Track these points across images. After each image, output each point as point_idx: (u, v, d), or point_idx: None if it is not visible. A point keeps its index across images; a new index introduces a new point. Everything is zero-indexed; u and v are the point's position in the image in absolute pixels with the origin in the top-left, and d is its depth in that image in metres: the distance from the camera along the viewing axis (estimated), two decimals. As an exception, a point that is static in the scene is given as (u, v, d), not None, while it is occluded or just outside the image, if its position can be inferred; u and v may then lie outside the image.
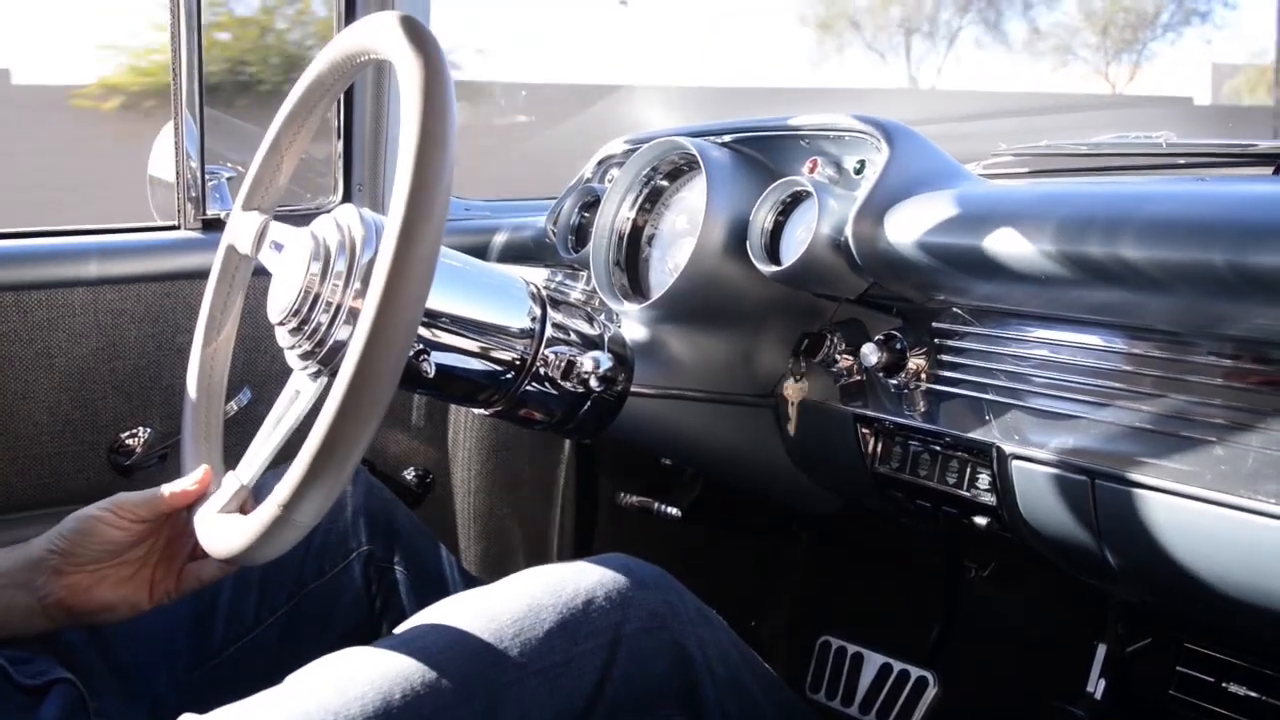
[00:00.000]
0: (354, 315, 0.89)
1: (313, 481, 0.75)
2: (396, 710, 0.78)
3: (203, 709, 0.82)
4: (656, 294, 1.15)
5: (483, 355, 1.03)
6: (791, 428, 1.19)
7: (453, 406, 1.55)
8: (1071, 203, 0.96)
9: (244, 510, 0.89)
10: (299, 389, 0.93)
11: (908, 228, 1.03)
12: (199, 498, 0.93)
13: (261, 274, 1.02)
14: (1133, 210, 0.91)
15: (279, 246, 0.98)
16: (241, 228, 1.02)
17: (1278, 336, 0.81)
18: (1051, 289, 0.94)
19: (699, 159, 1.17)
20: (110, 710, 0.89)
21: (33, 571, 0.91)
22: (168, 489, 0.94)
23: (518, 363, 1.04)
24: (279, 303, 0.93)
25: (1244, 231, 0.81)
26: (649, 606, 0.89)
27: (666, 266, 1.25)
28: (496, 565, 1.59)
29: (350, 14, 1.42)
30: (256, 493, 0.89)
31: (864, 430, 1.13)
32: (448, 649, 0.83)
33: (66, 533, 0.92)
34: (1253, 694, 1.10)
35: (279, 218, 1.02)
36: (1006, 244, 0.94)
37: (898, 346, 1.07)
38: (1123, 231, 0.88)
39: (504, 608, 0.86)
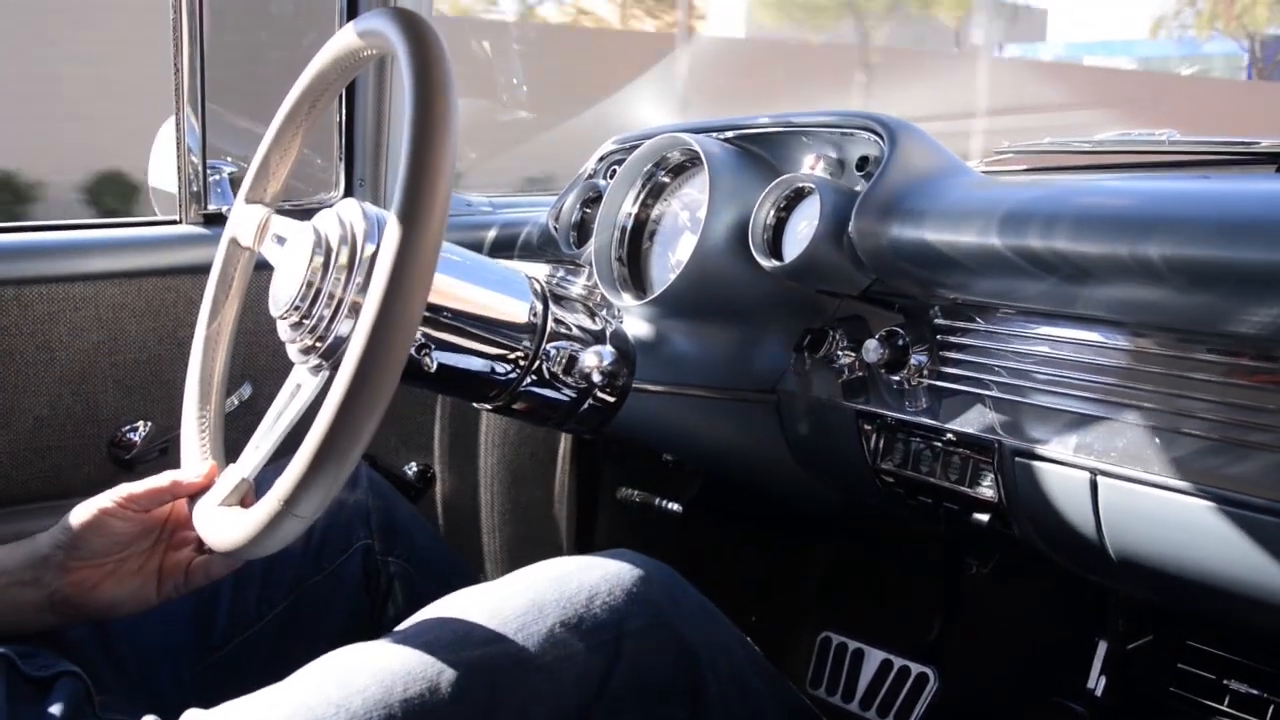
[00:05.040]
0: (356, 310, 0.89)
1: (314, 476, 0.75)
2: (398, 704, 0.78)
3: (205, 703, 0.82)
4: (659, 289, 1.15)
5: (485, 351, 1.03)
6: (808, 425, 1.19)
7: (455, 401, 1.55)
8: (1074, 200, 0.95)
9: (244, 503, 0.89)
10: (300, 383, 0.93)
11: (910, 224, 1.02)
12: (202, 490, 0.93)
13: (263, 268, 1.02)
14: (1135, 208, 0.91)
15: (281, 240, 0.98)
16: (243, 220, 1.02)
17: (1279, 334, 0.81)
18: (1053, 286, 0.94)
19: (701, 155, 1.17)
20: (114, 704, 0.89)
21: (39, 568, 0.90)
22: (170, 476, 0.94)
23: (520, 358, 1.04)
24: (280, 296, 0.93)
25: (1246, 229, 0.81)
26: (653, 603, 0.88)
27: (669, 262, 1.25)
28: (497, 560, 1.59)
29: (353, 9, 1.42)
30: (257, 487, 0.89)
31: (866, 426, 1.13)
32: (451, 644, 0.83)
33: (71, 526, 0.91)
34: (1254, 691, 1.10)
35: (281, 213, 1.02)
36: (1008, 241, 0.94)
37: (900, 343, 1.07)
38: (1125, 229, 0.88)
39: (508, 603, 0.86)
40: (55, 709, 0.83)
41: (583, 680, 0.84)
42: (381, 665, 0.81)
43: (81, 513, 0.92)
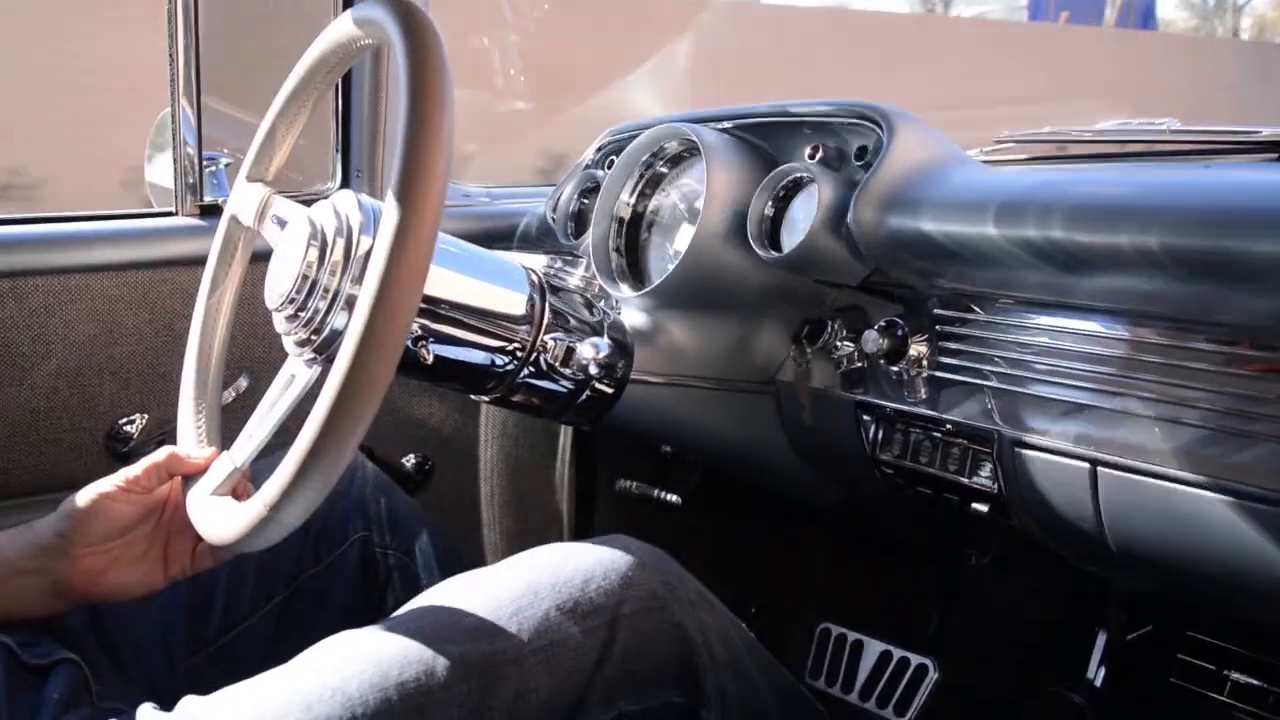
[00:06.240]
0: (351, 303, 0.89)
1: (300, 483, 0.74)
2: (394, 688, 0.78)
3: (201, 694, 0.82)
4: (656, 280, 1.15)
5: (482, 342, 1.02)
6: (807, 416, 1.18)
7: (454, 393, 1.55)
8: (1074, 189, 0.95)
9: (237, 493, 0.89)
10: (294, 373, 0.92)
11: (909, 214, 1.02)
12: (200, 472, 0.93)
13: (259, 259, 1.01)
14: (1135, 197, 0.90)
15: (282, 223, 0.97)
16: (244, 199, 1.01)
17: (1278, 323, 0.81)
18: (1053, 276, 0.94)
19: (699, 145, 1.16)
20: (111, 693, 0.89)
21: (42, 556, 0.90)
22: (168, 450, 0.93)
23: (517, 350, 1.04)
24: (276, 288, 0.92)
25: (1246, 218, 0.81)
26: (649, 587, 0.88)
27: (667, 253, 1.24)
28: (496, 552, 1.59)
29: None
30: (254, 478, 0.89)
31: (865, 417, 1.13)
32: (446, 628, 0.83)
33: (71, 513, 0.91)
34: (1254, 682, 1.10)
35: None
36: (1008, 231, 0.94)
37: (899, 333, 1.06)
38: (1125, 218, 0.87)
39: (503, 588, 0.87)
40: (53, 696, 0.84)
41: (578, 664, 0.84)
42: (377, 650, 0.81)
43: (82, 499, 0.91)
